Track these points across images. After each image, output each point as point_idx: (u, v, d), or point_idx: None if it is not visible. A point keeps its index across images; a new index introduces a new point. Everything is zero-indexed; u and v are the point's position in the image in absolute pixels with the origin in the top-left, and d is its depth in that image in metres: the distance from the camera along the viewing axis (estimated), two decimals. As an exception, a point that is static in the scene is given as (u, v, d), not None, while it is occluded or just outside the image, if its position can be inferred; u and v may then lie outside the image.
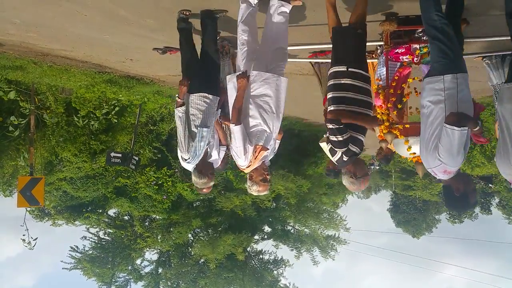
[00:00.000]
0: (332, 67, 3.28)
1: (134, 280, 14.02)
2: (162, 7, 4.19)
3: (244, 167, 3.48)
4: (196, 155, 3.67)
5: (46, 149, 9.09)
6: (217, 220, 14.86)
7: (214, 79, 4.01)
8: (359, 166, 3.18)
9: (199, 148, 3.65)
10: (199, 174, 3.75)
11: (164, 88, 9.07)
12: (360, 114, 3.15)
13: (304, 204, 17.07)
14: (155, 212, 12.85)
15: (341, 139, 3.03)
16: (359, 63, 3.24)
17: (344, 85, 3.16)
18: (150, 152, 11.34)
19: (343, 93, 3.16)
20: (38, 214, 11.82)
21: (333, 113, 3.13)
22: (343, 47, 3.31)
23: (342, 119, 3.05)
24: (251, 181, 3.49)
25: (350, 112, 3.12)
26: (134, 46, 5.65)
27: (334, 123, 3.02)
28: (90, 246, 13.05)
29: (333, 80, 3.24)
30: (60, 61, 6.68)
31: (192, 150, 3.64)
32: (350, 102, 3.14)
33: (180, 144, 3.68)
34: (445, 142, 2.75)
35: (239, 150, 3.33)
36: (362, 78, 3.19)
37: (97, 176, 10.90)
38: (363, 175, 3.16)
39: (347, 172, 3.18)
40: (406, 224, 29.81)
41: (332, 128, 3.04)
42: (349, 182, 3.17)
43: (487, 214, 24.95)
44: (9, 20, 4.59)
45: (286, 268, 16.45)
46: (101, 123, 9.46)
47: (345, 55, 3.26)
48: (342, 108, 3.13)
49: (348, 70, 3.16)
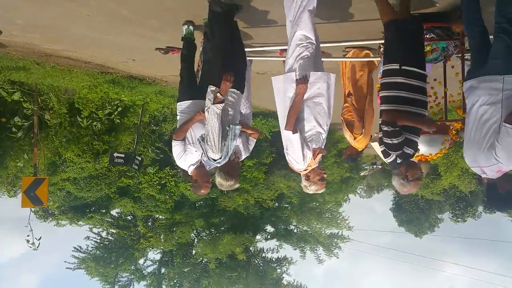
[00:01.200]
0: (385, 65, 3.19)
1: (136, 280, 14.07)
2: (165, 7, 4.21)
3: (302, 170, 3.39)
4: (228, 154, 3.54)
5: (50, 150, 9.13)
6: (220, 220, 14.88)
7: (243, 74, 3.87)
8: (413, 170, 3.10)
9: (231, 148, 3.52)
10: (226, 175, 3.62)
11: (167, 88, 9.09)
12: (415, 115, 3.06)
13: (307, 203, 17.06)
14: (158, 212, 12.89)
15: (396, 142, 2.95)
16: (414, 60, 3.13)
17: (397, 84, 3.07)
18: (153, 152, 11.37)
19: (395, 92, 3.08)
20: (42, 215, 11.89)
21: (389, 114, 3.02)
22: (394, 44, 3.20)
23: (398, 121, 2.95)
24: (309, 181, 3.42)
25: (404, 112, 3.02)
26: (136, 46, 5.67)
27: (389, 125, 2.93)
28: (94, 246, 13.11)
29: (386, 79, 3.15)
30: (63, 61, 6.71)
31: (225, 150, 3.49)
32: (403, 102, 3.05)
33: (211, 143, 3.44)
34: (506, 142, 2.66)
35: (298, 157, 3.24)
36: (417, 76, 3.09)
37: (100, 176, 10.94)
38: (415, 178, 3.08)
39: (399, 174, 3.11)
40: (409, 224, 29.70)
41: (387, 130, 2.94)
42: (400, 184, 3.11)
43: (490, 213, 24.87)
44: (12, 21, 4.62)
45: (290, 266, 16.50)
46: (104, 123, 9.49)
47: (398, 53, 3.16)
48: (394, 108, 3.04)
49: (401, 68, 3.07)
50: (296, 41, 3.23)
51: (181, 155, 3.71)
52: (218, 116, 3.37)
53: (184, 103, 3.86)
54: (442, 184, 17.95)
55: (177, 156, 3.74)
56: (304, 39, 3.20)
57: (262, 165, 13.42)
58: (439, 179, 17.43)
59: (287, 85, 3.23)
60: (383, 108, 3.12)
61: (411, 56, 3.15)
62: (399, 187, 3.13)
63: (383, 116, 3.05)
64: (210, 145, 3.44)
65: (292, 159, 3.32)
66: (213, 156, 3.50)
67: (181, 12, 4.28)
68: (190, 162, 3.70)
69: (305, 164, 3.28)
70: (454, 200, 25.04)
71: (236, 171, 3.70)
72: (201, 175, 3.69)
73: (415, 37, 3.24)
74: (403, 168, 3.09)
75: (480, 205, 25.15)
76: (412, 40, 3.21)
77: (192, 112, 3.72)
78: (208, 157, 3.55)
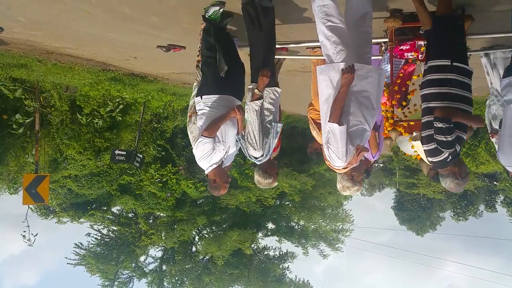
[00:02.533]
0: (431, 60, 3.12)
1: (138, 277, 14.11)
2: (167, 5, 4.18)
3: (341, 167, 3.25)
4: (269, 153, 3.45)
5: (51, 147, 9.14)
6: (221, 218, 14.91)
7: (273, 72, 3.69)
8: (462, 166, 3.06)
9: (272, 145, 3.45)
10: (265, 173, 3.54)
11: (168, 86, 9.07)
12: (466, 112, 3.01)
13: (308, 201, 17.09)
14: (159, 209, 12.91)
15: (450, 139, 2.88)
16: (463, 56, 3.09)
17: (449, 80, 3.01)
18: (155, 149, 11.38)
19: (447, 88, 3.01)
20: (43, 212, 11.91)
21: (443, 111, 2.94)
22: (445, 39, 3.13)
23: (453, 118, 2.89)
24: (353, 182, 3.36)
25: (457, 109, 2.96)
26: (138, 44, 5.65)
27: (445, 122, 2.86)
28: (95, 243, 13.15)
29: (436, 75, 3.07)
30: (64, 59, 6.69)
31: (266, 148, 3.41)
32: (454, 99, 2.99)
33: (252, 141, 3.36)
34: None
35: (340, 152, 3.07)
36: (466, 73, 3.05)
37: (102, 173, 10.95)
38: (466, 174, 3.05)
39: (451, 174, 3.06)
40: (410, 222, 29.77)
41: (442, 127, 2.86)
42: (456, 184, 3.06)
43: (491, 212, 24.88)
44: (14, 18, 4.60)
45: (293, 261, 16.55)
46: (105, 121, 9.49)
47: (449, 48, 3.09)
48: (447, 104, 2.98)
49: (452, 64, 3.00)
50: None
51: (209, 154, 3.47)
52: (257, 113, 3.30)
53: (212, 97, 3.54)
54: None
55: (204, 154, 3.46)
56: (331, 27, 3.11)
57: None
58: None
59: (332, 75, 3.13)
60: (434, 105, 3.03)
61: (461, 53, 3.11)
62: (455, 187, 3.08)
63: (436, 112, 2.95)
64: (251, 142, 3.36)
65: (334, 154, 3.13)
66: (254, 154, 3.42)
67: (183, 9, 4.26)
68: (214, 161, 3.51)
69: (346, 161, 3.14)
70: (455, 199, 25.03)
71: (275, 169, 3.63)
72: (221, 175, 3.54)
73: (463, 33, 3.19)
74: (453, 166, 3.05)
75: (481, 203, 25.15)
76: (461, 36, 3.17)
77: (221, 108, 3.50)
78: (248, 155, 3.48)
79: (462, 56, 3.09)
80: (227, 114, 3.45)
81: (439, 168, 3.14)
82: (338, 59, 3.12)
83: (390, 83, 4.24)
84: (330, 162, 3.28)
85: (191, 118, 3.91)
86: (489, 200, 24.21)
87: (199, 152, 3.47)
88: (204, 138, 3.40)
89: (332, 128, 3.02)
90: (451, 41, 3.11)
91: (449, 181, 3.07)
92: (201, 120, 3.52)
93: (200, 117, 3.55)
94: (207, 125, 3.44)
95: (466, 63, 3.07)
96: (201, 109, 3.55)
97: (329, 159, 3.24)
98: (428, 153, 3.11)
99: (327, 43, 3.16)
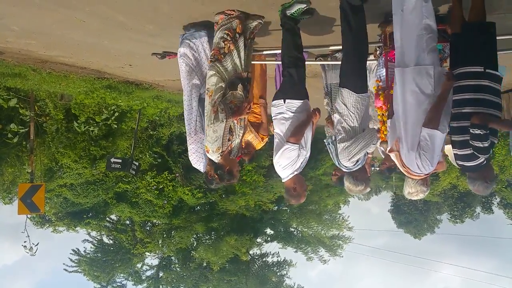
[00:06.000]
0: (462, 67, 3.14)
1: (134, 284, 14.04)
2: (161, 13, 4.18)
3: (422, 174, 3.24)
4: (362, 162, 3.54)
5: (46, 156, 9.08)
6: (219, 224, 14.88)
7: None
8: (491, 170, 3.13)
9: (363, 156, 3.54)
10: (355, 181, 3.55)
11: (163, 93, 9.06)
12: (498, 118, 3.05)
13: (306, 206, 17.08)
14: (156, 217, 12.85)
15: (487, 145, 2.93)
16: (495, 63, 3.11)
17: (483, 86, 3.04)
18: (151, 157, 11.34)
19: (481, 94, 3.03)
20: (38, 221, 11.81)
21: (480, 117, 2.96)
22: (477, 46, 3.14)
23: (489, 124, 2.93)
24: (427, 186, 3.37)
25: (492, 116, 2.99)
26: (133, 52, 5.64)
27: (482, 128, 2.90)
28: (90, 250, 13.08)
29: (468, 81, 3.09)
30: (59, 67, 6.67)
31: (355, 159, 3.48)
32: (488, 105, 3.02)
33: (350, 154, 3.44)
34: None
35: (435, 158, 3.10)
36: (497, 80, 3.08)
37: (98, 182, 10.89)
38: (494, 178, 3.12)
39: (480, 178, 3.10)
40: (408, 225, 29.77)
41: (480, 134, 2.90)
42: (484, 187, 3.11)
43: (488, 214, 24.93)
44: (7, 28, 4.58)
45: (290, 269, 16.53)
46: (100, 129, 9.46)
47: (481, 55, 3.12)
48: (483, 111, 3.00)
49: (485, 71, 3.04)
50: (421, 30, 3.08)
51: (294, 161, 3.35)
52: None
53: (297, 102, 3.41)
54: (441, 185, 18.00)
55: (290, 162, 3.35)
56: (430, 30, 3.08)
57: (261, 168, 13.43)
58: (437, 181, 17.48)
59: (419, 79, 3.08)
60: (468, 110, 3.05)
61: (493, 59, 3.14)
62: (484, 190, 3.14)
63: (474, 119, 2.97)
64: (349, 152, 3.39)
65: (427, 160, 3.09)
66: (347, 164, 3.45)
67: (177, 17, 4.25)
68: (295, 168, 3.39)
69: (435, 167, 3.17)
70: (452, 201, 25.08)
71: (365, 175, 3.62)
72: (301, 182, 3.43)
73: (495, 39, 3.20)
74: (485, 170, 3.10)
75: (478, 205, 25.20)
76: (493, 43, 3.19)
77: (303, 112, 3.41)
78: (341, 164, 3.50)
79: (494, 62, 3.13)
80: (309, 119, 3.41)
81: (471, 171, 3.18)
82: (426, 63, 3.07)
83: (386, 87, 4.26)
84: (415, 169, 3.22)
85: (216, 115, 3.43)
86: (485, 202, 24.26)
87: (284, 160, 3.34)
88: (291, 145, 3.29)
89: (433, 134, 3.00)
90: (483, 47, 3.14)
91: (478, 184, 3.12)
92: (283, 126, 3.39)
93: (280, 122, 3.42)
94: (292, 131, 3.33)
95: (497, 69, 3.11)
96: (281, 113, 3.43)
97: (419, 166, 3.18)
98: (462, 157, 3.14)
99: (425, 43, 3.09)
